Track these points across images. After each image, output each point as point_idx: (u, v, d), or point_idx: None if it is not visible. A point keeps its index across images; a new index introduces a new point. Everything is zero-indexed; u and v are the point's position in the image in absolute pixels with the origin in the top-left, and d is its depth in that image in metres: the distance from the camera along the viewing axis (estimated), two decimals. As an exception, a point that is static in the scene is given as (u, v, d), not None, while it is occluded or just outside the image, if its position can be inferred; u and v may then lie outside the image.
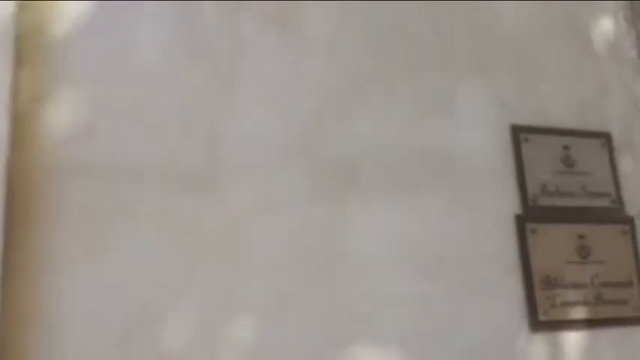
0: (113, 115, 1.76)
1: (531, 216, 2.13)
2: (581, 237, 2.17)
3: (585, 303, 2.11)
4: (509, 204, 2.12)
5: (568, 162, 2.24)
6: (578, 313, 2.10)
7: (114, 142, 1.75)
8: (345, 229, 1.91)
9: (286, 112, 1.93)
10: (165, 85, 1.82)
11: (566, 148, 2.25)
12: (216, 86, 1.87)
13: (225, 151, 1.84)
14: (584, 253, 2.16)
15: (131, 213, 1.71)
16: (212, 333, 1.71)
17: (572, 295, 2.10)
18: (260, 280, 1.78)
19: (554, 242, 2.13)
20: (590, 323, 2.10)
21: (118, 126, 1.76)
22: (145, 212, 1.73)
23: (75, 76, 1.76)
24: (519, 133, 2.20)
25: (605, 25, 2.45)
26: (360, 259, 1.90)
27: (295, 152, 1.91)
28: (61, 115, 1.73)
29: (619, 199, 2.28)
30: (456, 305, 1.96)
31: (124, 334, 1.63)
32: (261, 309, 1.76)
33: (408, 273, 1.94)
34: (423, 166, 2.05)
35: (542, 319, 2.04)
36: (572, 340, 2.07)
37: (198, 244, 1.75)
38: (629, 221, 2.27)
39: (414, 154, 2.05)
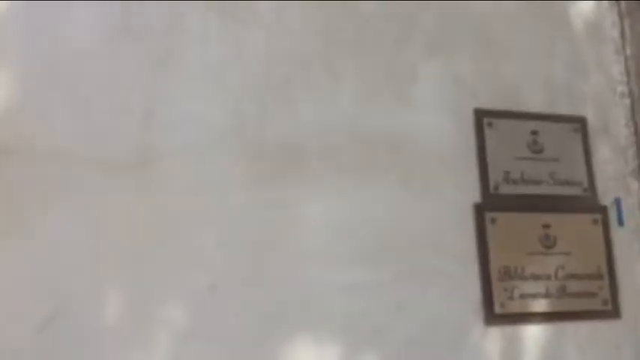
0: (43, 95, 1.76)
1: (491, 205, 2.06)
2: (546, 226, 2.09)
3: (547, 295, 2.04)
4: (469, 192, 2.06)
5: (535, 148, 2.16)
6: (539, 306, 2.03)
7: (43, 123, 1.74)
8: (286, 215, 1.88)
9: (225, 93, 1.90)
10: (98, 64, 1.80)
11: (534, 133, 2.17)
12: (150, 66, 1.85)
13: (159, 132, 1.82)
14: (548, 243, 2.08)
15: (59, 195, 1.71)
16: (140, 319, 1.70)
17: (532, 287, 2.03)
18: (192, 265, 1.76)
19: (516, 232, 2.06)
20: (552, 317, 2.04)
21: (48, 107, 1.75)
22: (74, 195, 1.72)
23: (3, 55, 1.75)
24: (482, 117, 2.13)
25: (584, 2, 2.35)
26: (300, 246, 1.87)
27: (234, 135, 1.88)
28: (-8, 96, 1.73)
29: (591, 188, 2.19)
30: (403, 296, 1.92)
31: (47, 317, 1.63)
32: (192, 295, 1.74)
33: (351, 261, 1.90)
34: (373, 150, 2.00)
35: (498, 312, 1.98)
36: (532, 334, 2.01)
37: (128, 228, 1.74)
38: (601, 210, 2.18)
39: (363, 137, 2.00)
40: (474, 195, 2.07)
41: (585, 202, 2.18)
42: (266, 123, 1.92)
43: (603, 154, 2.26)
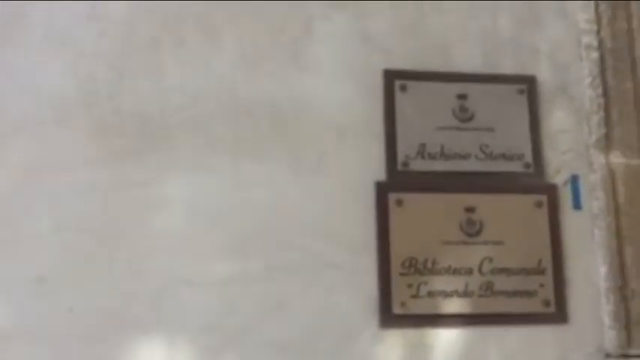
0: None
1: (398, 184, 1.81)
2: (469, 210, 1.82)
3: (466, 294, 1.77)
4: (371, 170, 1.82)
5: (463, 115, 1.89)
6: (454, 306, 1.76)
7: None
8: (140, 197, 1.72)
9: (74, 60, 1.77)
10: None
11: (461, 97, 1.89)
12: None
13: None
14: (471, 230, 1.81)
15: None
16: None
17: (447, 283, 1.77)
18: (19, 255, 1.64)
19: (429, 217, 1.80)
20: (473, 320, 1.77)
21: None
22: None
23: None
24: (393, 80, 1.87)
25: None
26: (155, 233, 1.70)
27: (82, 107, 1.75)
28: None
29: (537, 163, 1.89)
30: (280, 292, 1.72)
31: None
32: (16, 288, 1.62)
33: (218, 250, 1.72)
34: (254, 121, 1.81)
35: (397, 313, 1.73)
36: (443, 340, 1.75)
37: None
38: (548, 190, 1.87)
39: (242, 106, 1.81)
40: (379, 173, 1.82)
41: (526, 181, 1.88)
42: (123, 91, 1.78)
43: (559, 121, 1.94)
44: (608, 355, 1.80)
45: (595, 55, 1.98)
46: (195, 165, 1.76)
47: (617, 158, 1.91)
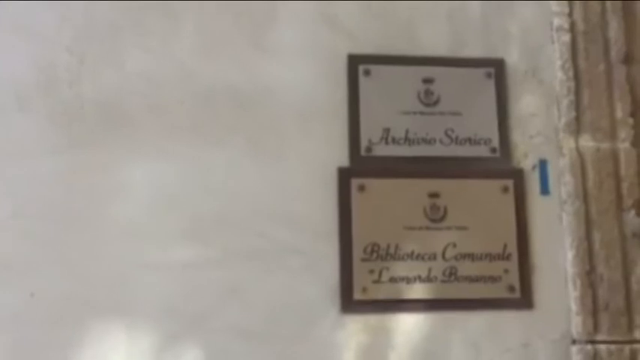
0: None
1: (360, 169, 1.82)
2: (433, 195, 1.82)
3: (429, 279, 1.78)
4: (334, 155, 1.82)
5: (428, 100, 1.88)
6: (417, 292, 1.77)
7: None
8: (101, 182, 1.73)
9: (34, 46, 1.78)
10: None
11: (427, 81, 1.89)
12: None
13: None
14: (435, 216, 1.81)
15: None
16: None
17: (409, 269, 1.78)
18: (-20, 241, 1.67)
19: (392, 202, 1.81)
20: (435, 305, 1.77)
21: None
22: None
23: None
24: (358, 64, 1.87)
25: None
26: (116, 218, 1.72)
27: (42, 93, 1.75)
28: None
29: (504, 147, 1.88)
30: (240, 277, 1.73)
31: None
32: (-23, 275, 1.66)
33: (178, 235, 1.73)
34: (215, 106, 1.81)
35: (358, 298, 1.74)
36: (405, 326, 1.76)
37: None
38: (515, 175, 1.86)
39: (204, 92, 1.81)
40: (342, 158, 1.82)
41: (493, 165, 1.87)
42: (83, 78, 1.79)
43: (528, 105, 1.93)
44: (574, 342, 1.79)
45: (566, 37, 1.96)
46: (156, 151, 1.77)
47: (587, 142, 1.90)
